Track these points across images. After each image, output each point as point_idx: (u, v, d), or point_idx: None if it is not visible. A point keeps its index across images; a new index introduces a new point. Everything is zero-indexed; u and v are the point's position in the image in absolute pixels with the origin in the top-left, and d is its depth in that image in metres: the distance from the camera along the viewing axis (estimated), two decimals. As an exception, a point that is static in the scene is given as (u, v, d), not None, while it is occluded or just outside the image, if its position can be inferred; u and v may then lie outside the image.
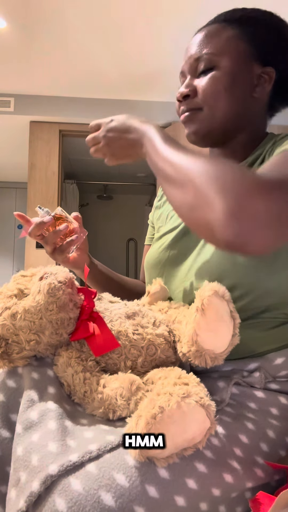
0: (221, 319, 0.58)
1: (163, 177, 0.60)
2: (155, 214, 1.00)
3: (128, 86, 3.30)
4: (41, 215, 0.81)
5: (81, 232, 0.86)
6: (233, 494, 0.52)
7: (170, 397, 0.48)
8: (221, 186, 0.49)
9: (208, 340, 0.59)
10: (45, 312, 0.60)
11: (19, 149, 3.99)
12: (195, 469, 0.50)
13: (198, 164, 0.54)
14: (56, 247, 0.84)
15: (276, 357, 0.69)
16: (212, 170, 0.52)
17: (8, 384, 0.61)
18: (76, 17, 2.49)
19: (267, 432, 0.60)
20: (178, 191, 0.55)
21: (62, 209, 0.85)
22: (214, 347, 0.59)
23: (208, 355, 0.59)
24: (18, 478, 0.50)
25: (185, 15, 2.34)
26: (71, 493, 0.45)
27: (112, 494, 0.46)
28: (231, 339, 0.60)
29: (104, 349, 0.61)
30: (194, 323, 0.59)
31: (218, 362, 0.60)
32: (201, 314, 0.58)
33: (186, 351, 0.61)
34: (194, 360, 0.60)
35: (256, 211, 0.47)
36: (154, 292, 0.76)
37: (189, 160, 0.56)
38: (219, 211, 0.48)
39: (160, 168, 0.61)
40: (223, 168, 0.52)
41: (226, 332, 0.59)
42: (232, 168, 0.52)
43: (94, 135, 0.76)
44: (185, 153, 0.58)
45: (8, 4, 2.39)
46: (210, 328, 0.58)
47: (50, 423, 0.53)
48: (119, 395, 0.55)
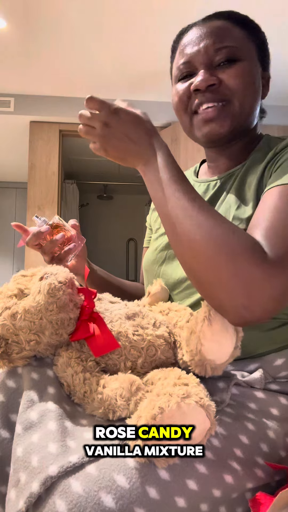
0: (226, 330, 0.58)
1: (170, 223, 0.60)
2: (152, 216, 1.00)
3: (128, 86, 3.30)
4: (38, 225, 0.82)
5: (79, 239, 0.86)
6: (234, 494, 0.52)
7: (170, 397, 0.48)
8: (233, 271, 0.53)
9: (211, 351, 0.59)
10: (45, 312, 0.60)
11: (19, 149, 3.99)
12: (195, 470, 0.50)
13: (214, 232, 0.56)
14: (54, 256, 0.84)
15: (276, 358, 0.69)
16: (228, 246, 0.54)
17: (8, 384, 0.61)
18: (76, 17, 2.48)
19: (267, 433, 0.60)
20: (187, 250, 0.58)
21: (59, 217, 0.86)
22: (216, 357, 0.59)
23: (209, 365, 0.60)
24: (18, 479, 0.50)
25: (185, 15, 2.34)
26: (72, 495, 0.45)
27: (112, 495, 0.45)
28: (232, 351, 0.60)
29: (104, 350, 0.60)
30: (200, 332, 0.59)
31: (217, 372, 0.61)
32: (208, 324, 0.58)
33: (188, 360, 0.61)
34: (195, 368, 0.60)
35: (266, 301, 0.53)
36: (155, 292, 0.76)
37: (205, 221, 0.57)
38: (230, 297, 0.54)
39: (169, 211, 0.60)
40: (239, 245, 0.55)
41: (229, 344, 0.59)
42: (246, 248, 0.54)
43: (91, 117, 0.65)
44: (201, 206, 0.58)
45: (8, 4, 2.39)
46: (215, 339, 0.58)
47: (50, 423, 0.53)
48: (119, 396, 0.54)
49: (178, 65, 0.78)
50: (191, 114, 0.78)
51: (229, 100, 0.73)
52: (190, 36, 0.77)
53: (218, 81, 0.73)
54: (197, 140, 0.80)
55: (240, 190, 0.74)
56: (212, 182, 0.83)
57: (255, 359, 0.69)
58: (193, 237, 0.57)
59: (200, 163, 0.94)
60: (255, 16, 0.81)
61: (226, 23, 0.75)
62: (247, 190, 0.73)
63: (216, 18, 0.77)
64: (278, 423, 0.62)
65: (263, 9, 2.37)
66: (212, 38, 0.74)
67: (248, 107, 0.75)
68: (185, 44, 0.77)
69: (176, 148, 3.31)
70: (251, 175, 0.74)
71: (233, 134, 0.77)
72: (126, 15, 2.47)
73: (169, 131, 3.46)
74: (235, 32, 0.75)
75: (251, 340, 0.68)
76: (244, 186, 0.74)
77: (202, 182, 0.85)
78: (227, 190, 0.78)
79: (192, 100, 0.76)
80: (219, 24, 0.75)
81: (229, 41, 0.73)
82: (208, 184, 0.83)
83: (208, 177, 0.87)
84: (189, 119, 0.78)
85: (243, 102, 0.74)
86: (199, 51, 0.74)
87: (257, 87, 0.76)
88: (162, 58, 2.90)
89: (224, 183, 0.80)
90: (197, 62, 0.75)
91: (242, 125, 0.76)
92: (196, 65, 0.75)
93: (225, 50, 0.73)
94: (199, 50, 0.74)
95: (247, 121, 0.77)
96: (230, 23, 0.76)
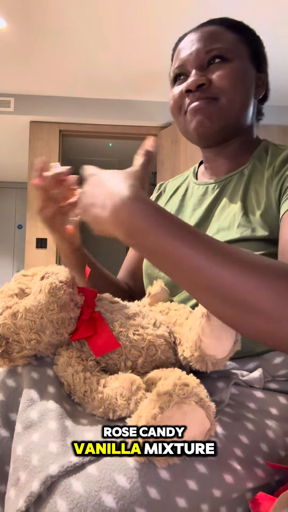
0: (225, 325, 0.58)
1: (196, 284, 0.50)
2: None
3: (128, 86, 3.30)
4: (59, 168, 0.72)
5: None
6: (234, 494, 0.52)
7: (170, 397, 0.48)
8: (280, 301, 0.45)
9: (211, 346, 0.59)
10: (46, 312, 0.60)
11: (19, 149, 4.00)
12: (195, 470, 0.50)
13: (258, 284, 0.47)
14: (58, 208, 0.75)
15: (275, 356, 0.69)
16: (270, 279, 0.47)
17: (8, 383, 0.61)
18: (76, 17, 2.49)
19: (266, 432, 0.60)
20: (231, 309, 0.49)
21: None
22: (217, 352, 0.59)
23: (210, 360, 0.60)
24: (17, 478, 0.50)
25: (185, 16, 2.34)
26: (72, 495, 0.45)
27: (113, 495, 0.45)
28: (233, 345, 0.60)
29: (104, 349, 0.61)
30: (198, 328, 0.59)
31: (219, 367, 0.61)
32: (206, 320, 0.58)
33: (188, 356, 0.61)
34: (196, 364, 0.60)
35: None
36: (155, 293, 0.76)
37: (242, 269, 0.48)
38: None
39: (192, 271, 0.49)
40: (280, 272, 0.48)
41: (229, 339, 0.59)
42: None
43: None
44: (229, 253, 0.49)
45: (8, 4, 2.39)
46: (214, 335, 0.58)
47: (50, 423, 0.53)
48: (119, 395, 0.55)
49: (173, 69, 0.82)
50: (184, 114, 0.80)
51: (218, 98, 0.76)
52: (184, 41, 0.81)
53: (207, 81, 0.76)
54: (192, 139, 0.83)
55: (244, 198, 0.75)
56: (210, 185, 0.83)
57: (254, 357, 0.69)
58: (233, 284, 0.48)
59: (199, 165, 0.95)
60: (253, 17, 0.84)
61: (219, 28, 0.79)
62: (253, 199, 0.74)
63: (209, 24, 0.81)
64: (278, 422, 0.62)
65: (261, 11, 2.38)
66: (203, 42, 0.77)
67: (237, 105, 0.77)
68: (180, 49, 0.81)
69: (176, 149, 3.32)
70: (254, 183, 0.76)
71: (224, 132, 0.78)
72: (126, 15, 2.48)
73: (169, 131, 3.46)
74: (226, 35, 0.78)
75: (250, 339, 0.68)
76: (249, 194, 0.76)
77: (200, 184, 0.86)
78: (228, 196, 0.78)
79: (185, 101, 0.79)
80: (211, 29, 0.79)
81: (219, 43, 0.77)
82: (206, 187, 0.84)
83: (206, 179, 0.88)
84: (183, 119, 0.81)
85: (232, 100, 0.76)
86: (191, 54, 0.78)
87: (248, 87, 0.78)
88: (162, 58, 2.90)
89: (223, 187, 0.81)
90: (189, 65, 0.78)
91: (233, 123, 0.78)
92: (188, 68, 0.79)
93: (215, 51, 0.76)
94: (191, 53, 0.78)
95: (239, 120, 0.79)
96: (223, 28, 0.79)
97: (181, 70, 0.80)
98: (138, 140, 3.92)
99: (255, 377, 0.66)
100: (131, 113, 3.56)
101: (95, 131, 3.63)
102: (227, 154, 0.83)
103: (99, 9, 2.40)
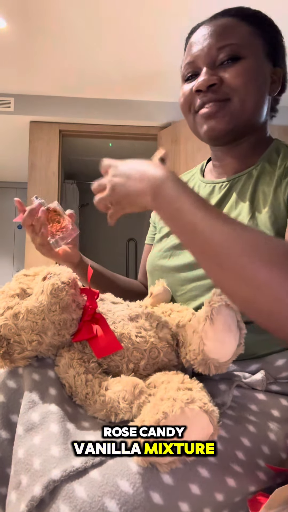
0: (228, 329, 0.58)
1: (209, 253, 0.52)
2: None
3: (128, 86, 3.29)
4: (35, 204, 0.85)
5: (73, 229, 0.89)
6: (237, 498, 0.51)
7: (174, 402, 0.48)
8: None
9: (214, 350, 0.59)
10: (47, 313, 0.60)
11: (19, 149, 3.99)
12: (198, 474, 0.50)
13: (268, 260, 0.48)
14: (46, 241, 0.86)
15: (277, 358, 0.68)
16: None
17: (9, 385, 0.60)
18: (76, 17, 2.48)
19: (268, 435, 0.59)
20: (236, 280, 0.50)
21: (58, 203, 0.88)
22: (220, 356, 0.59)
23: (213, 363, 0.59)
24: (19, 481, 0.50)
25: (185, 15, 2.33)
26: (75, 500, 0.45)
27: (116, 501, 0.45)
28: (236, 349, 0.60)
29: (106, 351, 0.60)
30: (202, 332, 0.58)
31: (221, 370, 0.61)
32: (210, 323, 0.58)
33: (191, 359, 0.60)
34: (198, 367, 0.60)
35: None
36: (157, 293, 0.76)
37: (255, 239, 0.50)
38: None
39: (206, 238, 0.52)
40: None
41: (232, 342, 0.59)
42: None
43: (100, 182, 0.67)
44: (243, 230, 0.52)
45: (8, 4, 2.38)
46: (218, 338, 0.58)
47: (52, 425, 0.53)
48: (122, 398, 0.54)
49: (184, 65, 0.79)
50: (194, 113, 0.78)
51: (229, 98, 0.73)
52: (196, 35, 0.77)
53: (219, 80, 0.73)
54: (202, 138, 0.80)
55: (252, 199, 0.74)
56: (217, 184, 0.81)
57: (256, 359, 0.69)
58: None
59: (207, 162, 0.93)
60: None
61: (232, 20, 0.75)
62: (261, 201, 0.73)
63: (223, 16, 0.77)
64: (279, 424, 0.62)
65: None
66: (215, 37, 0.74)
67: (250, 104, 0.74)
68: (191, 44, 0.78)
69: (176, 149, 3.31)
70: (263, 185, 0.74)
71: (236, 132, 0.76)
72: (126, 15, 2.47)
73: (169, 131, 3.45)
74: (240, 29, 0.74)
75: (253, 341, 0.67)
76: (256, 196, 0.74)
77: (207, 183, 0.84)
78: (236, 196, 0.76)
79: (195, 101, 0.76)
80: (224, 22, 0.75)
81: (232, 38, 0.73)
82: (213, 186, 0.82)
83: (213, 177, 0.85)
84: (193, 118, 0.79)
85: (245, 99, 0.73)
86: (203, 50, 0.75)
87: (261, 84, 0.75)
88: (162, 58, 2.90)
89: (231, 187, 0.79)
90: (200, 62, 0.75)
91: (245, 123, 0.75)
92: (199, 65, 0.76)
93: (227, 48, 0.73)
94: (202, 49, 0.75)
95: (251, 119, 0.76)
96: (237, 19, 0.75)
97: (192, 66, 0.77)
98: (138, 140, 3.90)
99: (257, 379, 0.66)
100: (131, 113, 3.55)
101: (95, 131, 3.62)
102: (236, 153, 0.81)
103: (99, 9, 2.40)
